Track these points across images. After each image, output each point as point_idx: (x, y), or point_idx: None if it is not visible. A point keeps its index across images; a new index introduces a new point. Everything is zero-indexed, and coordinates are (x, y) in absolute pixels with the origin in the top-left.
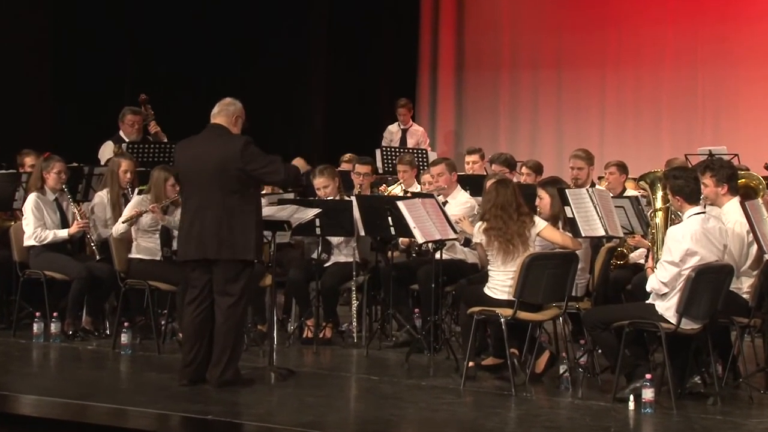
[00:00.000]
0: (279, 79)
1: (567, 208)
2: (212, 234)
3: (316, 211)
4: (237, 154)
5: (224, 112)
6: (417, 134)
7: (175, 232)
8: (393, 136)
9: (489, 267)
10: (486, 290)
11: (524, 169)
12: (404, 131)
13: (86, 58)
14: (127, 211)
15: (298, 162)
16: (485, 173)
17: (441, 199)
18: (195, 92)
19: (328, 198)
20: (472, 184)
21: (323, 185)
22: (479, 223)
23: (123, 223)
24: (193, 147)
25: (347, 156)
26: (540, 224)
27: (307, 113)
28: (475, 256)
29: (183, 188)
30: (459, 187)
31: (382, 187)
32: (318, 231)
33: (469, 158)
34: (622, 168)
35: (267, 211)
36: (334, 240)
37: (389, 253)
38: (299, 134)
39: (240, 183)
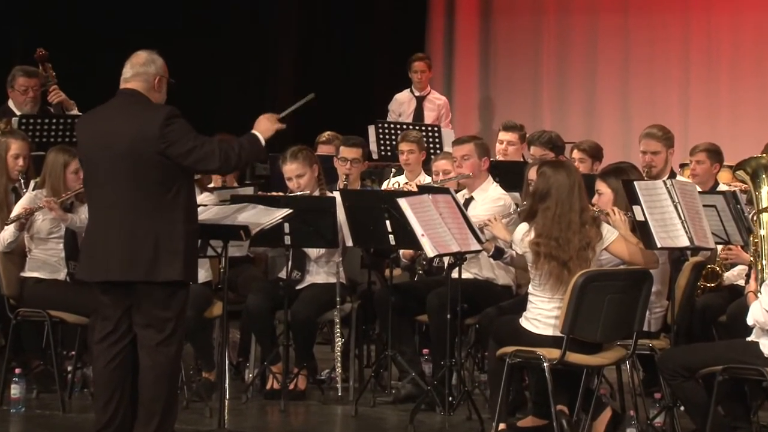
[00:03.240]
0: (235, 30)
1: (636, 209)
2: (120, 245)
3: (286, 212)
4: (155, 131)
5: (142, 75)
6: (437, 105)
7: None
8: (403, 108)
9: (530, 289)
10: (524, 322)
11: (576, 153)
12: (420, 100)
13: None
14: (16, 210)
15: (265, 125)
16: (522, 159)
17: (464, 194)
18: (117, 46)
19: (303, 193)
20: (505, 173)
21: (296, 174)
22: (523, 227)
23: (8, 225)
24: (97, 122)
25: (326, 135)
26: (609, 236)
27: (273, 77)
28: (509, 274)
29: (85, 180)
30: (490, 178)
31: (386, 184)
32: (287, 240)
33: (504, 136)
34: (714, 154)
35: (215, 212)
36: (311, 253)
37: (387, 272)
38: (261, 106)
39: (161, 172)
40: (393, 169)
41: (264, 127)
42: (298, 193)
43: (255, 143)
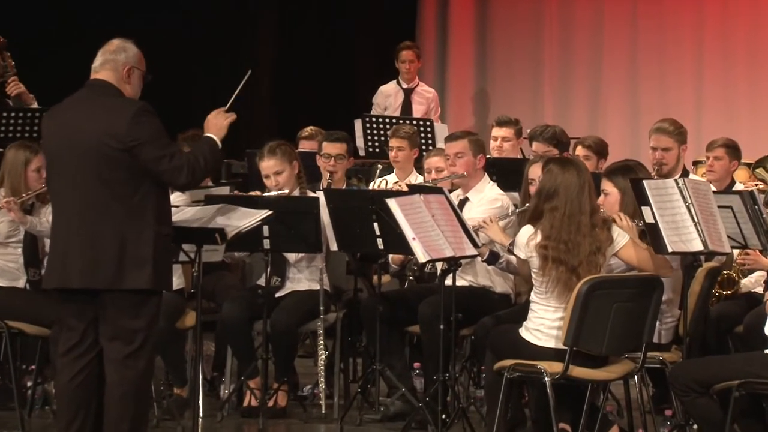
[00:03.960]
0: (210, 19)
1: (646, 210)
2: (83, 250)
3: (265, 213)
4: (122, 126)
5: (111, 63)
6: (426, 99)
7: (47, 242)
8: (389, 101)
9: (533, 297)
10: (524, 333)
11: (580, 150)
12: (407, 92)
13: None
14: None
15: (216, 123)
16: (521, 156)
17: (458, 194)
18: (84, 36)
19: (282, 192)
20: (502, 171)
21: (274, 171)
22: (528, 229)
23: None
24: (62, 116)
25: (308, 130)
26: (620, 241)
27: (250, 68)
28: (507, 281)
29: (49, 179)
30: (487, 177)
31: (374, 184)
32: (266, 244)
33: (498, 132)
34: (733, 150)
35: (188, 214)
36: (291, 258)
37: (375, 278)
38: (238, 99)
39: (129, 171)
40: (379, 166)
41: (216, 126)
42: (277, 193)
43: (215, 150)
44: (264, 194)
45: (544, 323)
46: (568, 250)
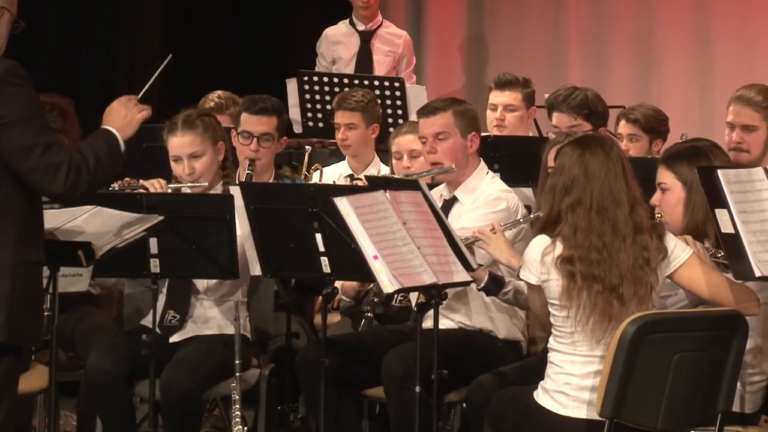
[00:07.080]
0: None
1: (721, 214)
2: None
3: (153, 219)
4: None
5: None
6: (395, 45)
7: None
8: (338, 50)
9: (551, 342)
10: (541, 397)
11: (624, 126)
12: (366, 37)
13: None
14: None
15: (121, 115)
16: (537, 133)
17: (442, 192)
18: None
19: (197, 185)
20: (507, 157)
21: (189, 152)
22: (542, 240)
23: None
24: None
25: (216, 96)
26: (679, 254)
27: (135, 15)
28: (516, 321)
29: None
30: (483, 165)
31: (316, 175)
32: (155, 266)
33: (498, 98)
34: None
35: (50, 219)
36: (199, 285)
37: (317, 318)
38: (122, 53)
39: None
40: (308, 147)
41: (122, 118)
42: (190, 185)
43: (114, 152)
44: (168, 188)
45: (571, 382)
46: (602, 260)
